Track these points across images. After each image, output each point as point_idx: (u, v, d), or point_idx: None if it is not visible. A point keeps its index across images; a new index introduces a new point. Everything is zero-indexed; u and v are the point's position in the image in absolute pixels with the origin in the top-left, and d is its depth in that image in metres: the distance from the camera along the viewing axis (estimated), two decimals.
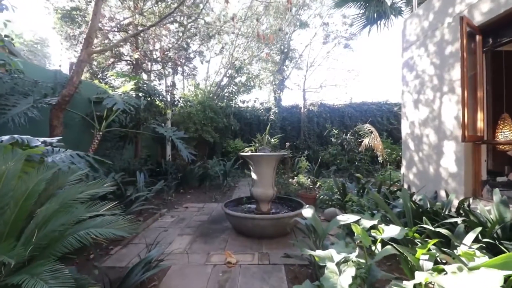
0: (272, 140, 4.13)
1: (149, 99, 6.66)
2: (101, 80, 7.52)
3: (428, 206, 3.33)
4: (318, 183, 5.26)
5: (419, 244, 2.25)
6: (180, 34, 7.98)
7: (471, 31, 3.19)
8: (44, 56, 19.30)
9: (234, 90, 10.32)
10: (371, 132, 6.98)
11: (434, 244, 2.61)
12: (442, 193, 3.77)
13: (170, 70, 8.88)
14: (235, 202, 4.37)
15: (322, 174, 7.50)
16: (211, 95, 10.02)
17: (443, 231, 2.42)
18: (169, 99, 8.28)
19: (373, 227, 2.33)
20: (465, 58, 3.01)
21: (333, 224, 2.49)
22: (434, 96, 3.95)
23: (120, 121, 6.66)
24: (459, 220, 2.61)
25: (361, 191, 4.57)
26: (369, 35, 8.34)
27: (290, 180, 5.54)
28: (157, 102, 7.75)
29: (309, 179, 5.49)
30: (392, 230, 2.08)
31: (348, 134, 7.16)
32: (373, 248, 2.32)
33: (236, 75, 9.95)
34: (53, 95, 4.78)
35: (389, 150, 8.13)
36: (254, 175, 3.84)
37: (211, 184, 7.25)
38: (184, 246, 3.32)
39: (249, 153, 3.74)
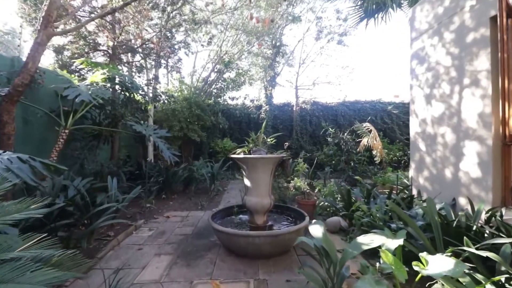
0: (269, 140, 3.54)
1: (127, 93, 5.91)
2: (73, 73, 6.68)
3: (453, 217, 2.85)
4: (317, 188, 4.73)
5: (467, 278, 1.72)
6: (164, 22, 7.24)
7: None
8: (15, 48, 17.81)
9: (222, 86, 9.65)
10: (370, 131, 6.54)
11: (475, 268, 2.11)
12: (462, 201, 3.31)
13: (152, 62, 8.11)
14: (224, 213, 3.74)
15: (317, 176, 7.00)
16: (197, 91, 9.32)
17: (491, 255, 1.91)
18: (151, 95, 7.52)
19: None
20: (505, 41, 2.53)
21: (354, 249, 1.93)
22: (451, 90, 3.48)
23: (93, 118, 5.89)
24: (506, 240, 2.11)
25: (367, 197, 4.06)
26: (366, 29, 7.91)
27: (286, 184, 4.98)
28: (137, 97, 7.00)
29: (305, 183, 4.94)
30: (442, 264, 1.53)
31: (346, 133, 6.69)
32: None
33: (225, 70, 9.29)
34: (8, 85, 4.00)
35: (386, 150, 7.73)
36: (247, 182, 3.23)
37: (197, 188, 6.57)
38: (161, 271, 2.66)
39: (242, 156, 3.13)
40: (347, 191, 3.85)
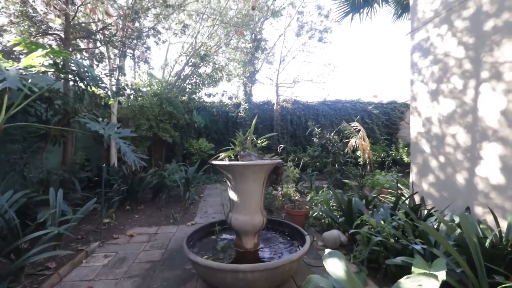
0: (259, 142, 2.89)
1: (81, 84, 4.89)
2: (17, 61, 5.48)
3: (480, 233, 2.41)
4: (309, 195, 4.16)
5: None
6: (130, 4, 6.26)
7: None
8: None
9: (198, 81, 8.80)
10: (358, 131, 6.17)
11: None
12: (478, 210, 2.90)
13: (116, 51, 7.05)
14: (203, 232, 3.00)
15: (303, 178, 6.49)
16: (169, 87, 8.38)
17: None
18: (114, 89, 6.48)
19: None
20: None
21: None
22: (465, 85, 3.08)
23: (38, 114, 4.82)
24: None
25: (367, 206, 3.57)
26: (351, 24, 7.56)
27: (274, 192, 4.37)
28: (98, 91, 5.98)
29: (294, 190, 4.36)
30: None
31: (332, 134, 6.25)
32: None
33: (201, 63, 8.46)
34: None
35: (371, 152, 7.44)
36: (233, 195, 2.53)
37: (169, 196, 5.70)
38: None
39: (227, 162, 2.43)
40: (348, 201, 3.30)
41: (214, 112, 9.02)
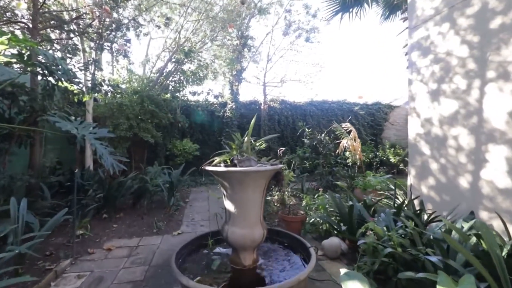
0: (257, 145, 2.60)
1: (51, 78, 4.36)
2: None
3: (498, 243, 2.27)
4: (305, 200, 3.93)
5: None
6: None
7: None
8: None
9: (181, 79, 8.34)
10: (349, 132, 6.05)
11: None
12: (483, 215, 2.80)
13: (92, 44, 6.47)
14: (193, 246, 2.66)
15: (293, 181, 6.28)
16: (151, 84, 7.88)
17: None
18: (89, 84, 5.91)
19: None
20: None
21: None
22: (468, 85, 2.96)
23: (0, 112, 4.24)
24: None
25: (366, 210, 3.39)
26: (340, 23, 7.46)
27: (269, 197, 4.10)
28: (71, 86, 5.43)
29: (289, 194, 4.12)
30: None
31: (323, 134, 6.09)
32: None
33: (185, 60, 8.01)
34: None
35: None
36: (229, 205, 2.23)
37: (151, 201, 5.27)
38: None
39: (224, 168, 2.12)
40: (349, 207, 3.09)
41: (199, 111, 8.60)
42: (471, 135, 2.93)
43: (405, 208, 3.25)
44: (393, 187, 5.38)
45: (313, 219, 3.62)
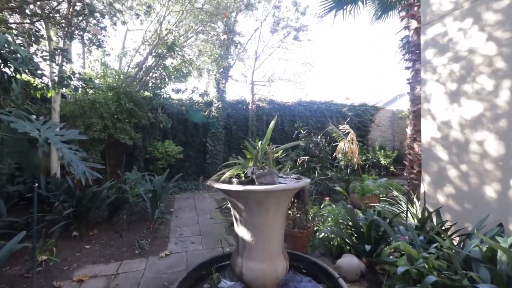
0: (277, 154, 2.12)
1: (6, 69, 3.57)
2: None
3: None
4: (312, 211, 3.51)
5: None
6: None
7: None
8: None
9: (163, 75, 7.64)
10: (347, 134, 5.77)
11: None
12: None
13: (60, 33, 5.62)
14: (191, 279, 2.12)
15: None
16: (128, 79, 7.11)
17: None
18: (56, 78, 5.08)
19: None
20: None
21: None
22: (496, 86, 2.71)
23: None
24: None
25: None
26: (334, 21, 7.17)
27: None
28: (35, 81, 4.64)
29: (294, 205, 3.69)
30: None
31: (319, 136, 5.75)
32: None
33: (168, 54, 7.32)
34: None
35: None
36: (244, 232, 1.74)
37: (130, 213, 4.60)
38: None
39: (239, 187, 1.62)
40: (369, 222, 2.72)
41: (183, 110, 7.94)
42: (499, 140, 2.68)
43: (437, 224, 2.95)
44: (392, 191, 5.17)
45: (322, 234, 3.22)
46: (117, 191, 4.32)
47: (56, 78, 5.00)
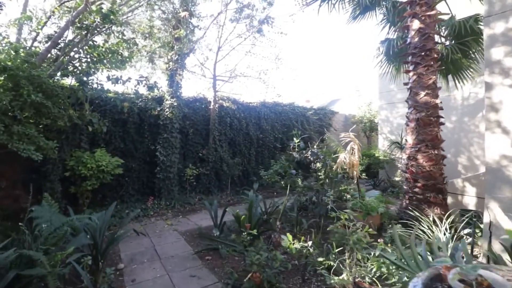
0: None
1: None
2: None
3: None
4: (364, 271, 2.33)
5: None
6: None
7: None
8: None
9: (93, 57, 5.33)
10: (345, 145, 4.92)
11: None
12: None
13: None
14: None
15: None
16: (35, 58, 4.60)
17: None
18: None
19: None
20: None
21: None
22: None
23: None
24: None
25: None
26: (318, 12, 6.32)
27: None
28: None
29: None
30: None
31: (315, 146, 4.72)
32: None
33: (101, 27, 5.11)
34: None
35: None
36: None
37: None
38: None
39: None
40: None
41: (124, 108, 5.76)
42: None
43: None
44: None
45: None
46: (17, 261, 2.26)
47: None
